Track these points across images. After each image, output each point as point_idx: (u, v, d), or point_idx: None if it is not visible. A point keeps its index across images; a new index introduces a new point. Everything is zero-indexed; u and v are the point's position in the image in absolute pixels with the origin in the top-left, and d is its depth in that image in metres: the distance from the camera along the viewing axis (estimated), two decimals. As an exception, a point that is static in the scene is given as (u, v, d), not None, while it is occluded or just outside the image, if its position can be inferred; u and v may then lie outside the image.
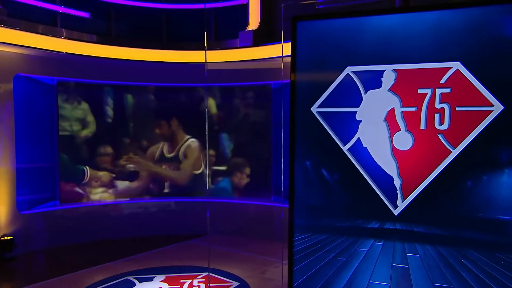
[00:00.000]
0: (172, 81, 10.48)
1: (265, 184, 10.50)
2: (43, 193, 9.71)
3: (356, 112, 4.02)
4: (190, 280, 7.42)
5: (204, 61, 9.42)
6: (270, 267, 8.02)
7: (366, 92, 3.97)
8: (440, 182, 3.75)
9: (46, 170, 9.77)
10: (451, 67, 3.67)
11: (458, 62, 3.65)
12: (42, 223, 9.38)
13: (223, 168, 10.97)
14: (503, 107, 3.53)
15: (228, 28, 10.27)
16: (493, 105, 3.56)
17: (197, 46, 9.52)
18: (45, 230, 9.44)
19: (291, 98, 4.22)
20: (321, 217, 4.22)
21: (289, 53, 4.25)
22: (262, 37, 9.20)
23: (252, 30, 9.38)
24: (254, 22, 9.50)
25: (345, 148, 4.06)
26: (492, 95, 3.56)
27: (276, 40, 8.26)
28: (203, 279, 7.49)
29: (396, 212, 3.92)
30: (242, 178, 10.82)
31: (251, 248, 9.38)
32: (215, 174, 11.02)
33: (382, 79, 3.90)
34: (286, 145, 4.34)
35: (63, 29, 9.31)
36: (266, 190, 10.46)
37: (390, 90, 3.88)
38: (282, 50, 5.20)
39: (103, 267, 8.20)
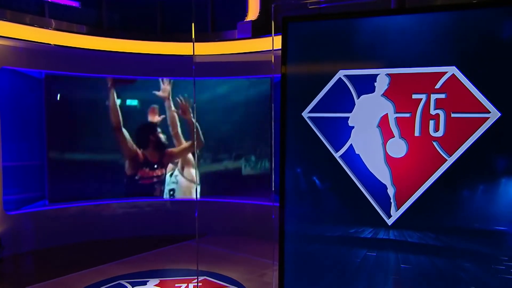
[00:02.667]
0: (166, 74, 10.56)
1: (264, 183, 10.59)
2: (31, 193, 9.81)
3: (348, 117, 4.10)
4: (185, 284, 7.52)
5: (202, 54, 9.53)
6: (269, 270, 8.10)
7: (359, 97, 4.06)
8: (435, 191, 3.84)
9: (34, 168, 9.87)
10: (447, 72, 3.75)
11: (454, 67, 3.73)
12: (30, 223, 9.49)
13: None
14: (500, 114, 3.61)
15: (226, 19, 10.31)
16: (489, 112, 3.63)
17: (194, 37, 9.57)
18: (33, 231, 9.55)
19: (281, 102, 4.31)
20: (313, 225, 4.32)
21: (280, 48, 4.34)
22: (261, 28, 9.24)
23: (251, 20, 9.42)
24: (253, 12, 9.54)
25: (337, 155, 4.16)
26: (489, 101, 3.63)
27: (277, 32, 8.29)
28: (200, 283, 7.60)
29: (389, 221, 4.01)
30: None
31: (249, 249, 9.47)
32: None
33: (375, 84, 3.98)
34: (277, 149, 4.43)
35: (52, 20, 9.37)
36: (266, 189, 10.55)
37: (383, 95, 3.96)
38: (272, 44, 5.26)
39: (94, 270, 8.30)
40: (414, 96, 3.86)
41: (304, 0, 4.34)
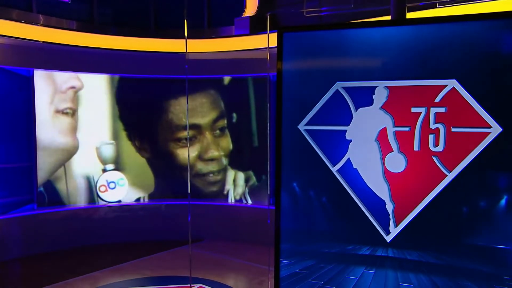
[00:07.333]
0: (160, 72, 10.62)
1: (263, 186, 10.65)
2: (19, 196, 9.87)
3: (346, 130, 4.17)
4: (181, 293, 7.64)
5: (197, 51, 9.57)
6: (267, 278, 8.17)
7: (356, 109, 4.13)
8: (435, 207, 3.90)
9: (22, 171, 9.92)
10: (447, 85, 3.81)
11: (454, 80, 3.79)
12: (18, 229, 9.56)
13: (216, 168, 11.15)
14: (501, 129, 3.67)
15: (223, 14, 10.32)
16: (491, 127, 3.70)
17: (189, 34, 9.60)
18: (21, 236, 9.62)
19: (277, 114, 4.37)
20: (309, 241, 4.39)
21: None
22: (259, 24, 9.26)
23: (249, 16, 9.45)
24: (251, 7, 9.56)
25: (334, 169, 4.23)
26: (490, 116, 3.69)
27: (272, 29, 8.32)
28: (195, 292, 7.69)
29: (388, 238, 4.08)
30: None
31: (248, 255, 9.56)
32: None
33: (373, 96, 4.05)
34: (272, 160, 4.50)
35: (40, 15, 9.39)
36: (264, 192, 10.61)
37: (382, 108, 4.03)
38: (268, 42, 5.32)
39: (85, 277, 8.41)
40: (414, 110, 3.92)
41: (301, 9, 4.39)
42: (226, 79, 10.84)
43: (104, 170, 10.98)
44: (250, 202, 10.78)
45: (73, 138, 10.52)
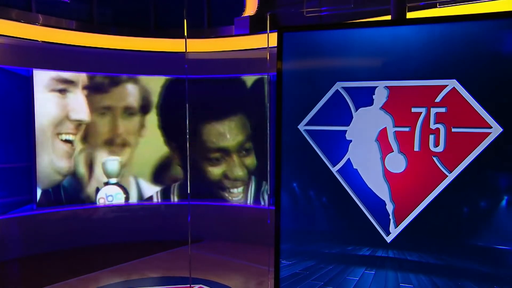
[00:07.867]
0: (160, 72, 10.62)
1: (263, 186, 10.65)
2: (18, 196, 9.87)
3: (346, 131, 4.17)
4: (180, 294, 7.63)
5: (197, 51, 9.57)
6: (267, 279, 8.17)
7: (356, 109, 4.13)
8: (435, 208, 3.90)
9: (21, 171, 9.92)
10: (447, 85, 3.81)
11: (454, 80, 3.79)
12: (18, 229, 9.56)
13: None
14: (501, 129, 3.67)
15: (224, 13, 10.32)
16: (491, 127, 3.70)
17: (189, 33, 9.59)
18: (20, 236, 9.62)
19: (277, 114, 4.38)
20: (309, 242, 4.39)
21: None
22: (259, 24, 9.27)
23: (249, 16, 9.46)
24: (251, 7, 9.57)
25: (334, 170, 4.23)
26: (491, 116, 3.69)
27: (272, 28, 8.31)
28: (194, 292, 7.69)
29: (388, 239, 4.08)
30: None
31: (248, 256, 9.56)
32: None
33: (373, 96, 4.05)
34: (272, 160, 4.50)
35: (39, 15, 9.39)
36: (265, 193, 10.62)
37: (382, 108, 4.03)
38: (268, 41, 5.32)
39: (84, 278, 8.40)
40: (414, 110, 3.92)
41: (301, 9, 4.39)
42: (248, 79, 10.79)
43: (107, 183, 11.03)
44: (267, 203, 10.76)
45: (69, 163, 10.57)
